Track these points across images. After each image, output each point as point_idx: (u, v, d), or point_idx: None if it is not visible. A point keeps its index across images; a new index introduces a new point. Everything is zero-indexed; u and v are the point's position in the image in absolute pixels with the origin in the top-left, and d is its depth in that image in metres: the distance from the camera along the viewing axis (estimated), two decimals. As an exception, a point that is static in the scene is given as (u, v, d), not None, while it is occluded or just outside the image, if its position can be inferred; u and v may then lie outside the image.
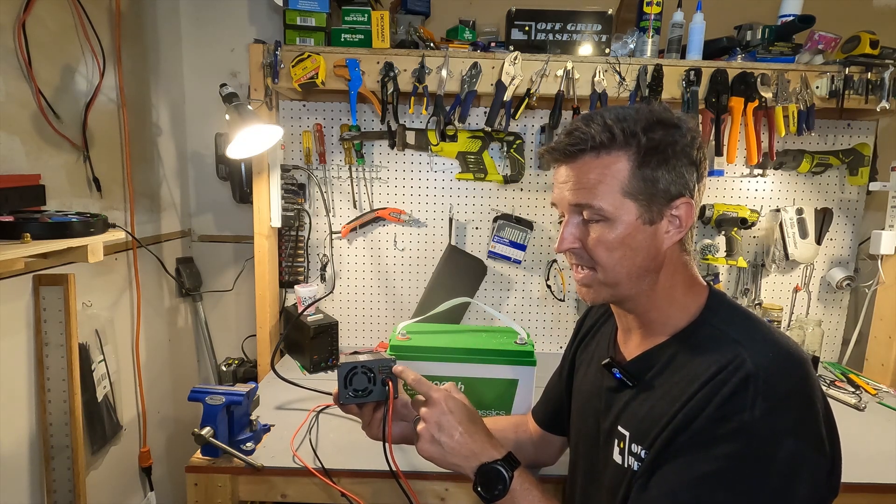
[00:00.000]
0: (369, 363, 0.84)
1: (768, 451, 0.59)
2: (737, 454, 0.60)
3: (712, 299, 0.75)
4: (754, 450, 0.59)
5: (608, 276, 0.72)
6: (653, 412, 0.70)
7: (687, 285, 0.75)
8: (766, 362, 0.63)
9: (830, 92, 1.48)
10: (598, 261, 0.71)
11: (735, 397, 0.61)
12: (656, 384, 0.73)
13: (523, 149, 1.70)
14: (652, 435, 0.68)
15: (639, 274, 0.72)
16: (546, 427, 1.03)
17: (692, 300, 0.75)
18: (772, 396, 0.60)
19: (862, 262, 1.80)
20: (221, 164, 1.71)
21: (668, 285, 0.74)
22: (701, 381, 0.65)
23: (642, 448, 0.70)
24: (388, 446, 0.82)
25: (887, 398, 1.50)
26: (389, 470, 0.81)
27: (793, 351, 0.65)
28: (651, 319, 0.76)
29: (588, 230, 0.72)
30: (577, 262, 0.75)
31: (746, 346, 0.65)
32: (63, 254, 1.03)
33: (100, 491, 1.40)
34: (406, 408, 0.90)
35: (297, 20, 1.46)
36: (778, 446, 0.59)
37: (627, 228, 0.69)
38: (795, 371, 0.63)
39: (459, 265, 1.72)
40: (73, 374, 1.21)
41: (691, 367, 0.68)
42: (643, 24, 1.52)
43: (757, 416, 0.59)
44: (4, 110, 1.09)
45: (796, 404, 0.61)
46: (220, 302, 1.92)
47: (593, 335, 0.94)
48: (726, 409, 0.61)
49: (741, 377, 0.62)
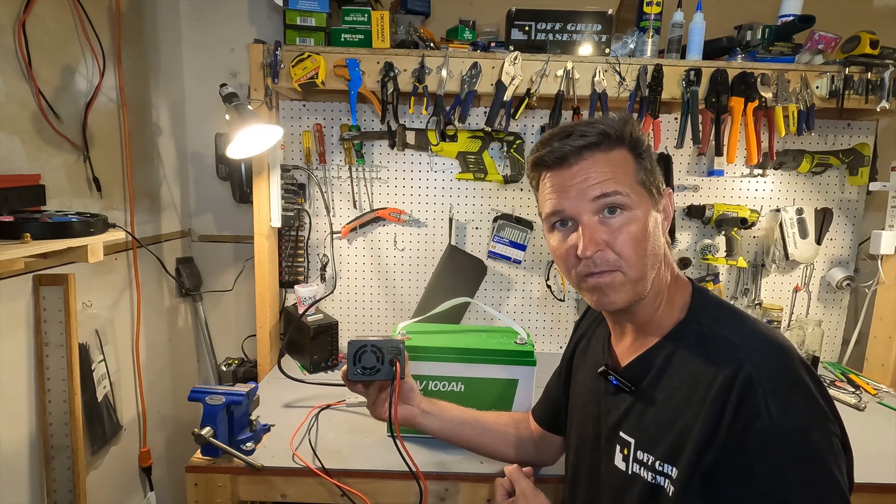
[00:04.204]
0: (379, 343, 0.87)
1: (801, 451, 0.59)
2: (776, 466, 0.59)
3: (696, 296, 0.76)
4: (789, 456, 0.59)
5: (636, 272, 0.71)
6: (658, 419, 0.70)
7: (674, 278, 0.77)
8: (761, 358, 0.64)
9: (830, 92, 1.48)
10: (627, 255, 0.70)
11: (745, 403, 0.61)
12: (656, 389, 0.73)
13: (523, 149, 1.70)
14: (666, 445, 0.68)
15: (656, 265, 0.72)
16: (546, 427, 1.04)
17: (678, 296, 0.76)
18: (778, 393, 0.61)
19: (862, 262, 1.80)
20: (221, 164, 1.71)
21: (663, 280, 0.75)
22: (704, 387, 0.65)
23: (654, 458, 0.70)
24: (395, 427, 0.85)
25: (887, 398, 1.50)
26: (396, 447, 0.84)
27: (779, 340, 0.67)
28: (646, 318, 0.76)
29: (610, 226, 0.70)
30: (598, 269, 0.71)
31: (740, 345, 0.66)
32: (63, 254, 1.03)
33: (100, 491, 1.40)
34: (412, 392, 0.92)
35: (297, 20, 1.46)
36: (808, 442, 0.59)
37: (647, 217, 0.71)
38: (788, 360, 0.64)
39: (459, 265, 1.72)
40: (73, 374, 1.21)
41: (690, 370, 0.69)
42: (643, 24, 1.52)
43: (775, 419, 0.60)
44: (4, 110, 1.09)
45: (801, 392, 0.62)
46: (220, 302, 1.92)
47: (588, 338, 0.94)
48: (743, 418, 0.61)
49: (744, 379, 0.62)
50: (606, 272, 0.71)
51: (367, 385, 0.90)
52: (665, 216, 0.76)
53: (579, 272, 0.73)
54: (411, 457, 0.87)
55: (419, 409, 0.97)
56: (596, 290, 0.73)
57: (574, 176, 0.71)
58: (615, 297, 0.72)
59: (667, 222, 0.76)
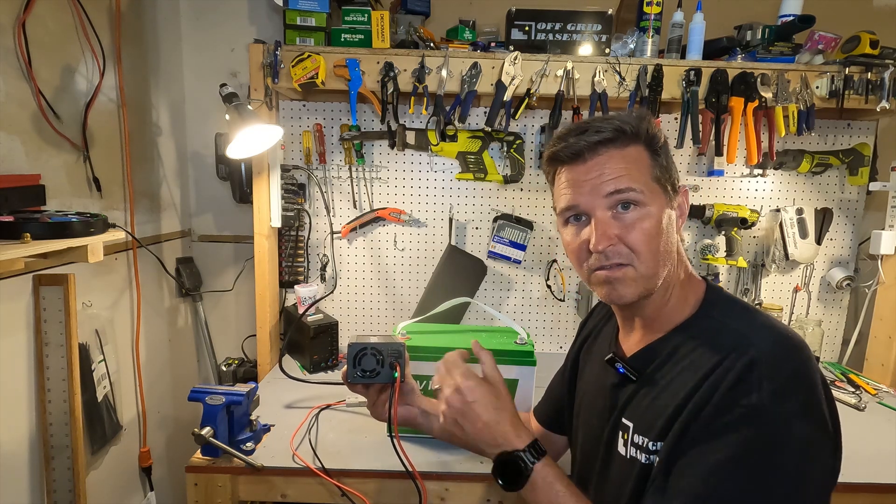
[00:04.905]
0: (379, 346, 0.86)
1: (779, 434, 0.59)
2: (748, 440, 0.59)
3: (710, 293, 0.76)
4: (765, 434, 0.59)
5: (648, 267, 0.71)
6: (656, 402, 0.71)
7: (687, 276, 0.77)
8: (768, 346, 0.63)
9: (830, 92, 1.48)
10: (639, 250, 0.70)
11: (741, 383, 0.61)
12: (658, 376, 0.73)
13: (523, 149, 1.70)
14: (658, 425, 0.68)
15: (668, 262, 0.72)
16: (548, 426, 1.04)
17: (691, 293, 0.76)
18: (777, 378, 0.61)
19: (862, 262, 1.80)
20: (221, 164, 1.71)
21: (675, 277, 0.75)
22: (706, 370, 0.65)
23: (648, 440, 0.70)
24: (394, 430, 0.84)
25: (887, 398, 1.50)
26: (395, 449, 0.83)
27: (792, 335, 0.66)
28: (655, 313, 0.76)
29: (623, 221, 0.70)
30: (609, 262, 0.71)
31: (748, 334, 0.66)
32: (63, 254, 1.03)
33: (100, 491, 1.40)
34: (413, 393, 0.92)
35: (297, 20, 1.46)
36: (788, 429, 0.59)
37: (661, 213, 0.71)
38: (797, 354, 0.64)
39: (459, 265, 1.72)
40: (73, 374, 1.21)
41: (694, 357, 0.69)
42: (643, 24, 1.52)
43: (765, 399, 0.60)
44: (4, 110, 1.09)
45: (801, 386, 0.62)
46: (220, 302, 1.92)
47: (596, 336, 0.94)
48: (733, 394, 0.61)
49: (745, 362, 0.62)
50: (617, 266, 0.71)
51: (368, 386, 0.90)
52: (680, 213, 0.76)
53: (591, 265, 0.73)
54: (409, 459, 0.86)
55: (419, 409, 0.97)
56: (606, 283, 0.73)
57: (589, 171, 0.72)
58: (625, 290, 0.72)
59: (682, 220, 0.76)
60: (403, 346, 0.88)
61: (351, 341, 0.87)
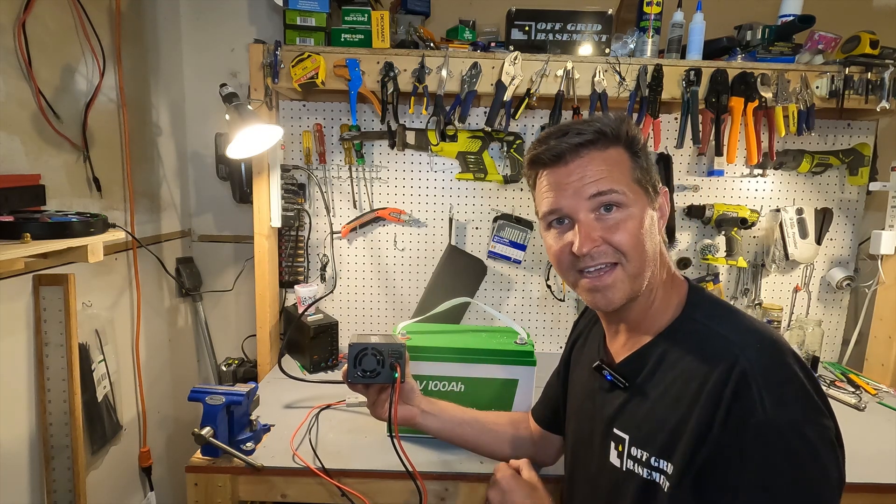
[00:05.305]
0: (379, 346, 0.87)
1: (794, 445, 0.59)
2: (768, 459, 0.59)
3: (693, 294, 0.76)
4: (782, 449, 0.59)
5: (634, 267, 0.71)
6: (653, 415, 0.70)
7: (670, 277, 0.77)
8: (755, 355, 0.64)
9: (830, 92, 1.48)
10: (625, 250, 0.70)
11: (740, 398, 0.61)
12: (650, 385, 0.73)
13: (523, 149, 1.70)
14: (660, 440, 0.68)
15: (652, 264, 0.73)
16: (546, 426, 1.04)
17: (675, 294, 0.76)
18: (772, 388, 0.61)
19: (862, 262, 1.80)
20: (221, 164, 1.71)
21: (658, 279, 0.75)
22: (699, 382, 0.65)
23: (649, 454, 0.70)
24: (394, 430, 0.85)
25: (887, 398, 1.50)
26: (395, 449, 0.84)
27: (773, 336, 0.67)
28: (640, 316, 0.76)
29: (606, 223, 0.71)
30: (595, 263, 0.71)
31: (734, 341, 0.66)
32: (63, 254, 1.03)
33: (100, 491, 1.40)
34: (413, 392, 0.93)
35: (297, 20, 1.46)
36: (800, 436, 0.59)
37: (643, 214, 0.72)
38: (781, 356, 0.65)
39: (459, 265, 1.72)
40: (73, 374, 1.21)
41: (684, 366, 0.69)
42: (643, 24, 1.52)
43: (770, 413, 0.60)
44: (4, 110, 1.09)
45: (794, 387, 0.62)
46: (220, 302, 1.92)
47: (585, 337, 0.94)
48: (738, 412, 0.61)
49: (739, 374, 0.62)
50: (605, 272, 0.72)
51: (368, 386, 0.90)
52: (661, 215, 0.77)
53: (576, 270, 0.73)
54: (409, 459, 0.86)
55: (419, 409, 0.98)
56: (593, 290, 0.73)
57: (570, 174, 0.72)
58: (613, 295, 0.72)
59: (663, 221, 0.77)
60: (404, 347, 0.88)
61: (351, 341, 0.87)
